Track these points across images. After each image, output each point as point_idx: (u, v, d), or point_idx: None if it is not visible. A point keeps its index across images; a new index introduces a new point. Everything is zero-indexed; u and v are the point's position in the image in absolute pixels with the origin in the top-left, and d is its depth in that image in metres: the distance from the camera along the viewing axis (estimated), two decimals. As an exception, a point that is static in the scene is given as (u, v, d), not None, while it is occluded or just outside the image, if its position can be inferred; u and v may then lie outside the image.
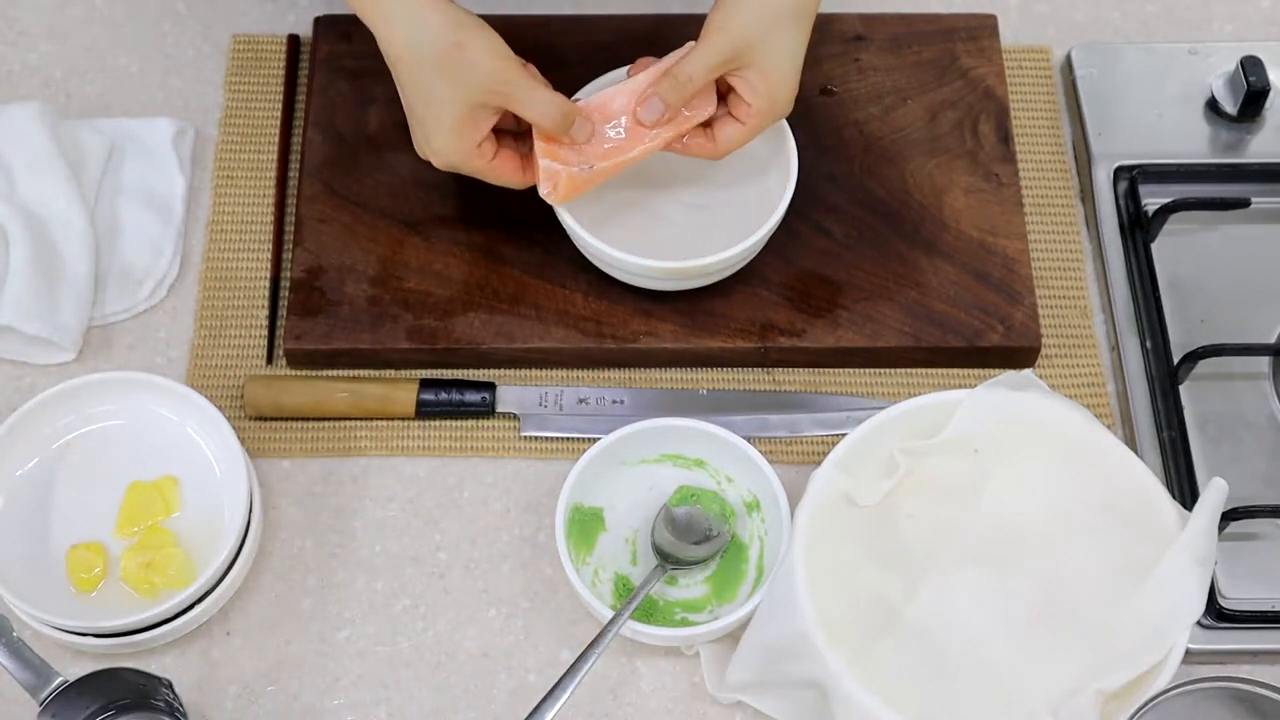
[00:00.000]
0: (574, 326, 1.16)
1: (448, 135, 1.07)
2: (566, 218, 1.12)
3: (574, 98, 1.11)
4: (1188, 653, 1.02)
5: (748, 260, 1.15)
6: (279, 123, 1.26)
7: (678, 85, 1.07)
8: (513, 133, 1.11)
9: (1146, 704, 0.96)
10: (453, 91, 1.05)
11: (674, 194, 1.17)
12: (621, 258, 1.10)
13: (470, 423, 1.15)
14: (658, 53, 1.16)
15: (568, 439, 1.14)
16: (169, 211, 1.22)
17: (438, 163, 1.09)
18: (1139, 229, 1.20)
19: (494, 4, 1.17)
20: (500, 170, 1.09)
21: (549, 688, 1.00)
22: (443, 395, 1.14)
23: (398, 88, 1.08)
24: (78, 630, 1.03)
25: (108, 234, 1.20)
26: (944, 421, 1.06)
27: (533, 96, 1.06)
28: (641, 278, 1.14)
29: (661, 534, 1.08)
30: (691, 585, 1.08)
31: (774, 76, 1.07)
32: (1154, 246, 1.19)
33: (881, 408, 1.08)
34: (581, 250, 1.14)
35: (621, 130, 1.09)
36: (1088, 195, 1.24)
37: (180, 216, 1.22)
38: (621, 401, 1.15)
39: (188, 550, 1.07)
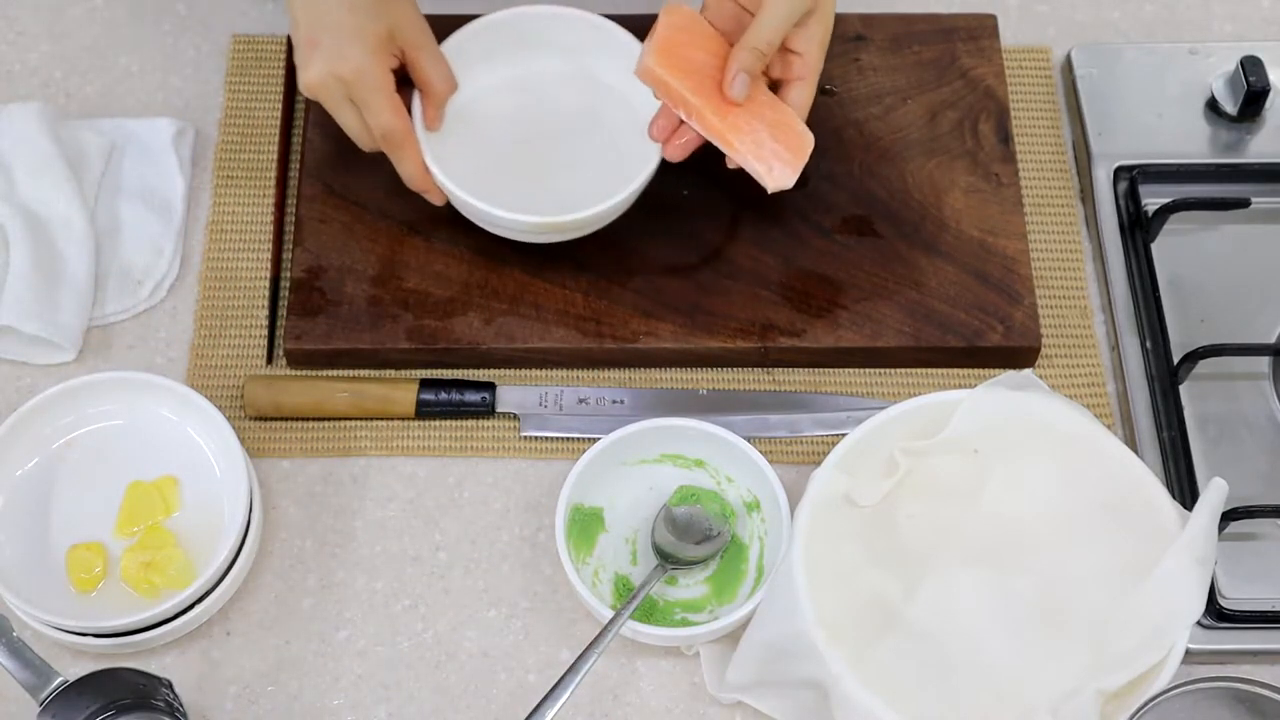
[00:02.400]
0: (574, 326, 1.16)
1: (356, 52, 1.07)
2: (443, 180, 1.12)
3: None
4: (1188, 653, 1.02)
5: (619, 213, 1.14)
6: (279, 123, 1.26)
7: (761, 54, 1.06)
8: None
9: (1146, 704, 0.96)
10: (371, 18, 1.07)
11: (550, 151, 1.18)
12: (492, 212, 1.11)
13: (470, 423, 1.15)
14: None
15: (568, 439, 1.14)
16: (169, 211, 1.22)
17: (337, 69, 1.08)
18: (1139, 229, 1.20)
19: (494, 4, 1.17)
20: (390, 108, 1.09)
21: (549, 688, 1.00)
22: (443, 395, 1.14)
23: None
24: (78, 630, 1.03)
25: (108, 234, 1.20)
26: (944, 421, 1.06)
27: (436, 65, 1.10)
28: (521, 233, 1.14)
29: (662, 534, 1.08)
30: (691, 585, 1.08)
31: (829, 19, 1.08)
32: (1154, 246, 1.19)
33: (881, 408, 1.08)
34: (461, 210, 1.15)
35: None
36: (1088, 195, 1.24)
37: (180, 216, 1.22)
38: (621, 401, 1.15)
39: (188, 550, 1.07)
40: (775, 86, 1.12)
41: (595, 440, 1.09)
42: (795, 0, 1.06)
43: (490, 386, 1.14)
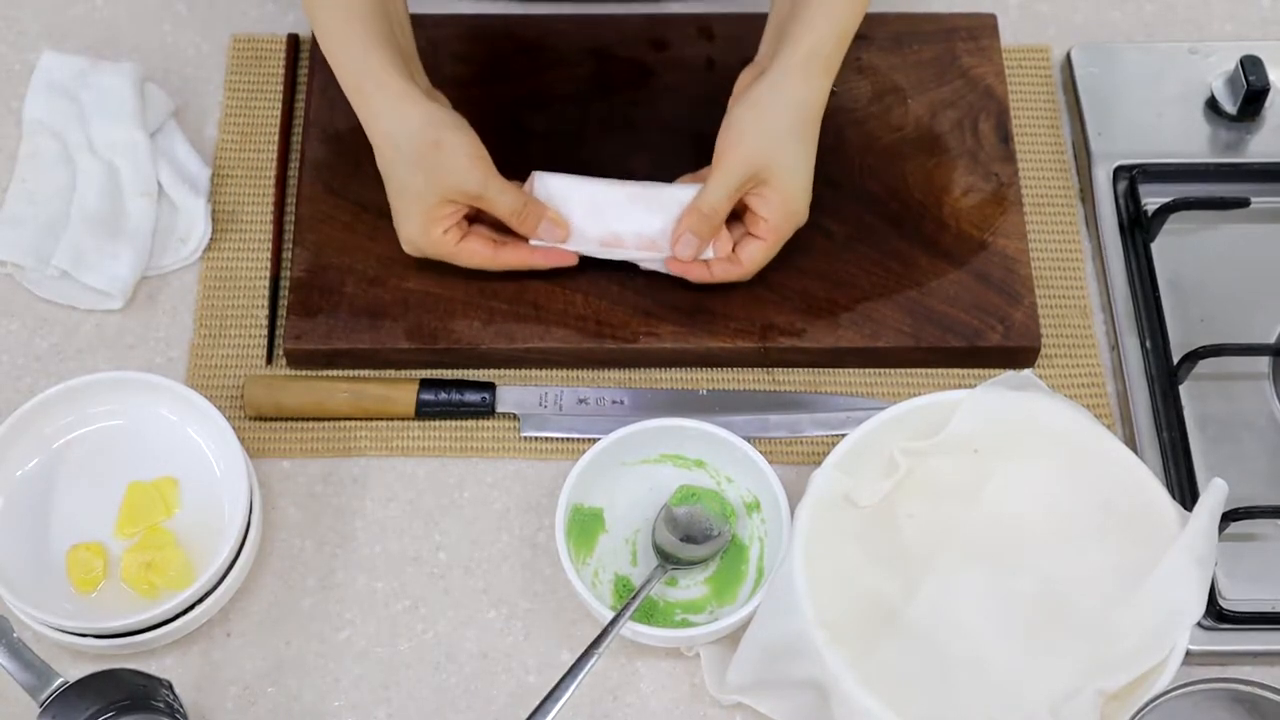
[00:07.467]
0: (574, 326, 1.16)
1: (415, 225, 1.11)
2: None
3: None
4: (1188, 654, 1.02)
5: None
6: (279, 123, 1.26)
7: (706, 218, 1.11)
8: (482, 218, 1.15)
9: (1147, 705, 0.96)
10: (426, 186, 1.09)
11: None
12: None
13: (470, 423, 1.15)
14: (659, 53, 1.16)
15: (568, 439, 1.14)
16: (197, 184, 1.22)
17: (406, 249, 1.13)
18: (1139, 229, 1.20)
19: (494, 3, 1.17)
20: (467, 253, 1.13)
21: (549, 688, 1.00)
22: (443, 395, 1.14)
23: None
24: (78, 631, 1.03)
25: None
26: (944, 421, 1.06)
27: (503, 198, 1.11)
28: None
29: (662, 533, 1.08)
30: (692, 586, 1.08)
31: (789, 191, 1.11)
32: (1154, 246, 1.19)
33: (881, 408, 1.08)
34: None
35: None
36: (1088, 195, 1.24)
37: (206, 190, 1.22)
38: (621, 401, 1.15)
39: (188, 550, 1.07)
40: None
41: (595, 440, 1.09)
42: (736, 169, 1.09)
43: (490, 386, 1.14)
